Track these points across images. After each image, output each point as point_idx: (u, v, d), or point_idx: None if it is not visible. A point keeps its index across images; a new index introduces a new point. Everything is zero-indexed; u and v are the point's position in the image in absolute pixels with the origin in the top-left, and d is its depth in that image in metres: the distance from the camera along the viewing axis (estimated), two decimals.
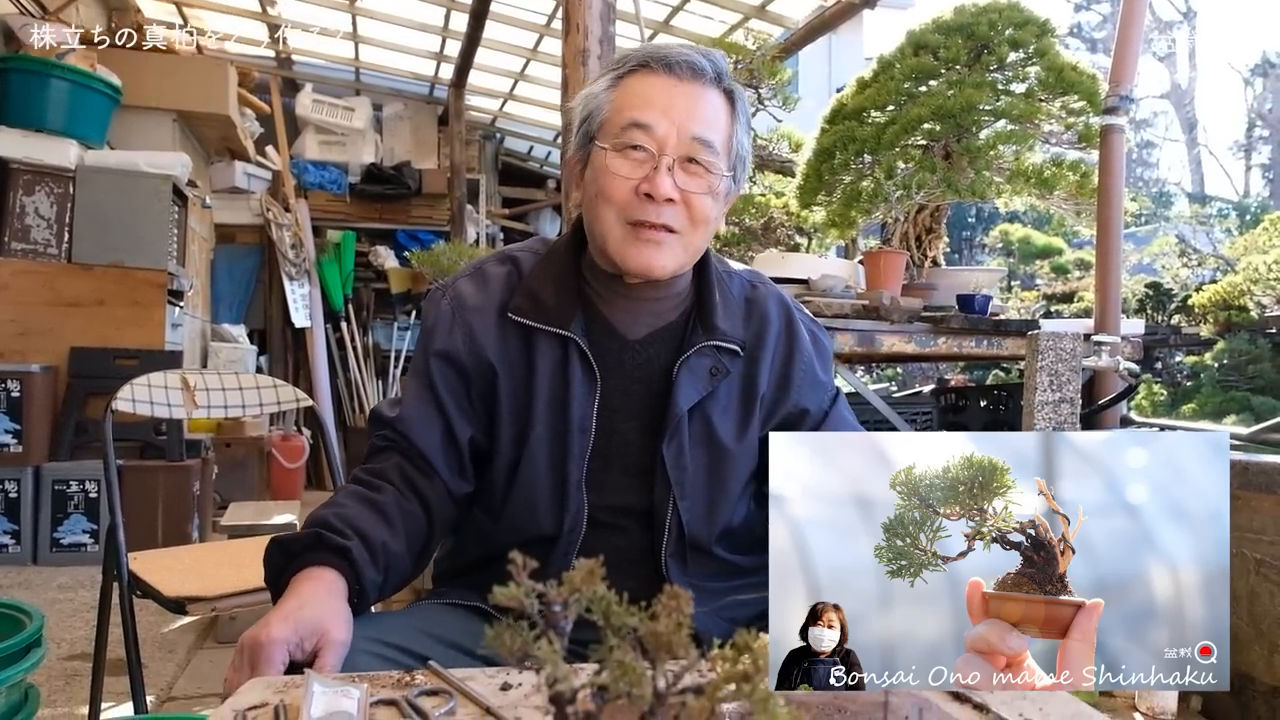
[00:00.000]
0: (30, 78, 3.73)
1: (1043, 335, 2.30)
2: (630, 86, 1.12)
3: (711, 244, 1.22)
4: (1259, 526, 1.78)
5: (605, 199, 1.11)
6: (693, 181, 1.10)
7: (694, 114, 1.09)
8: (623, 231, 1.10)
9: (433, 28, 5.87)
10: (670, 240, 1.10)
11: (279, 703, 0.77)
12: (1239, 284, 5.83)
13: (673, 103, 1.09)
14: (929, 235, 3.51)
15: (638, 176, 1.08)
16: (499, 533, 1.17)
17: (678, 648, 0.45)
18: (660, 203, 1.08)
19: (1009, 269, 8.20)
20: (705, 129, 1.10)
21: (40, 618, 1.48)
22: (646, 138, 1.08)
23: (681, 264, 1.13)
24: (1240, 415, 5.05)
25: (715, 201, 1.12)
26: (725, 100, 1.14)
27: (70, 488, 3.45)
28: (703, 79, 1.11)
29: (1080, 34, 20.76)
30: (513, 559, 0.48)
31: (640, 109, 1.09)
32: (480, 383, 1.16)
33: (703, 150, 1.09)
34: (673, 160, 1.08)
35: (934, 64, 3.15)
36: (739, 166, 1.16)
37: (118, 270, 3.80)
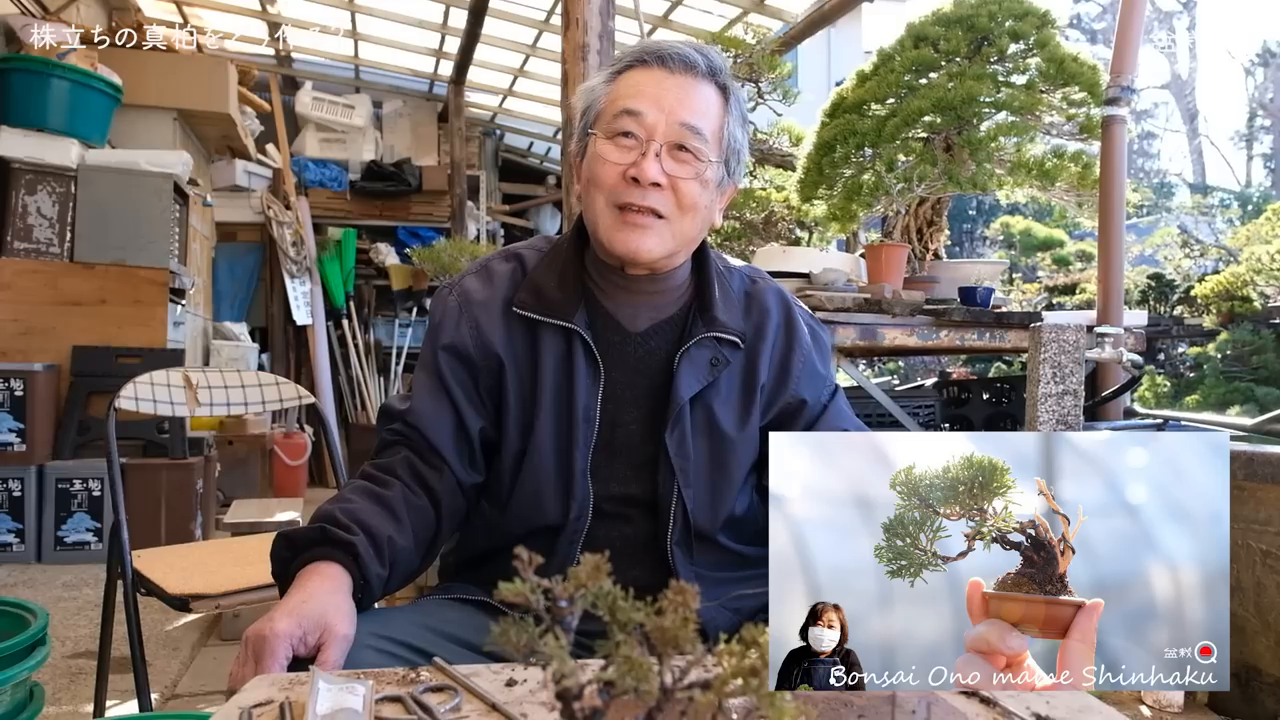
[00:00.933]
0: (31, 78, 3.73)
1: (1045, 327, 2.29)
2: (626, 79, 1.15)
3: (712, 239, 1.23)
4: (1265, 518, 1.78)
5: (596, 184, 1.14)
6: (680, 168, 1.12)
7: (684, 102, 1.12)
8: (611, 216, 1.13)
9: (432, 24, 5.86)
10: (657, 225, 1.12)
11: (284, 700, 0.77)
12: (1241, 274, 5.83)
13: (664, 92, 1.12)
14: (930, 228, 3.51)
15: (626, 162, 1.11)
16: (505, 523, 1.18)
17: (684, 643, 0.45)
18: (646, 186, 1.10)
19: (1010, 261, 8.19)
20: (694, 117, 1.12)
21: (44, 616, 1.48)
22: (636, 125, 1.11)
23: (670, 250, 1.14)
24: (1244, 406, 5.05)
25: (704, 189, 1.14)
26: (718, 94, 1.16)
27: (74, 486, 3.46)
28: (695, 71, 1.14)
29: (1080, 25, 20.71)
30: (518, 554, 0.48)
31: (633, 98, 1.12)
32: (488, 376, 1.18)
33: (691, 137, 1.12)
34: (661, 146, 1.11)
35: (934, 56, 3.14)
36: (732, 159, 1.18)
37: (119, 269, 3.80)
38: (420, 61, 6.60)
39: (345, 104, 6.69)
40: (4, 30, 3.88)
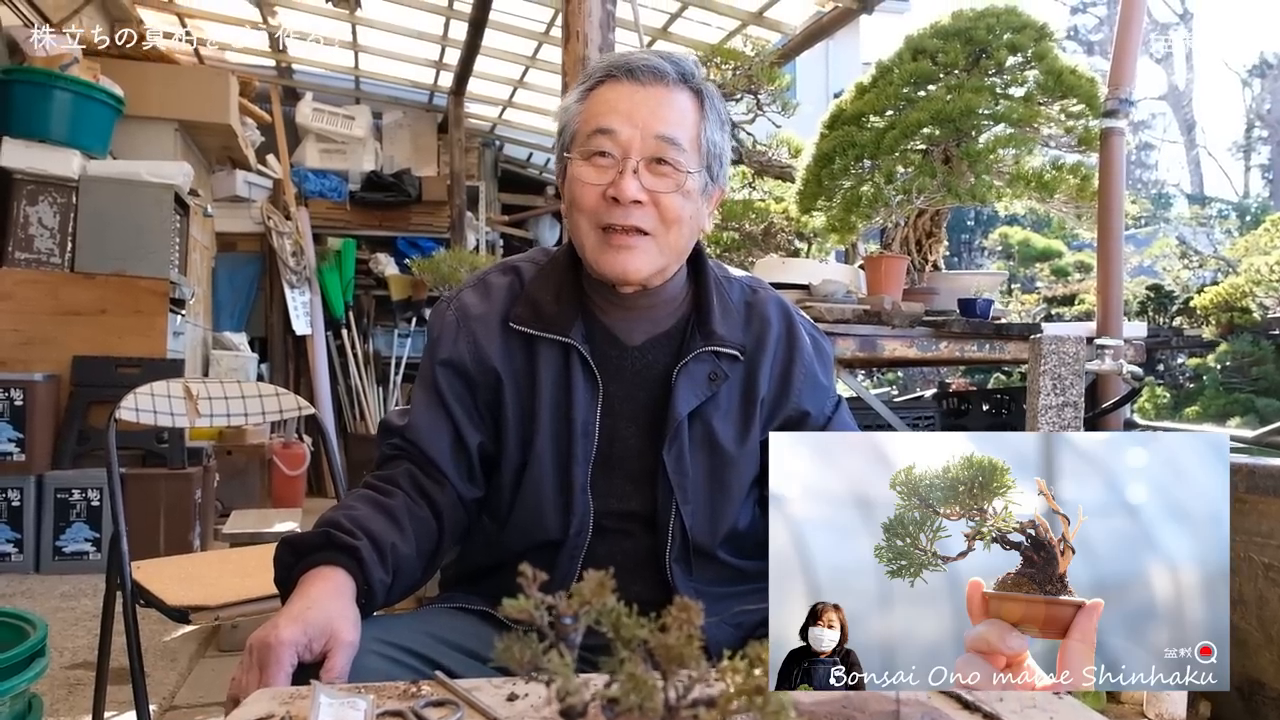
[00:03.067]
0: (34, 89, 3.74)
1: (1045, 339, 2.30)
2: (598, 96, 1.14)
3: (711, 251, 1.23)
4: (1267, 530, 1.78)
5: (577, 207, 1.13)
6: (660, 182, 1.11)
7: (657, 114, 1.11)
8: (596, 238, 1.12)
9: (432, 36, 5.88)
10: (643, 243, 1.11)
11: (285, 714, 0.77)
12: (1241, 285, 5.83)
13: (635, 107, 1.11)
14: (929, 239, 3.52)
15: (604, 182, 1.10)
16: (506, 538, 1.18)
17: (688, 660, 0.45)
18: (627, 205, 1.09)
19: (1009, 272, 8.19)
20: (669, 128, 1.11)
21: (43, 627, 1.48)
22: (611, 143, 1.10)
23: (659, 266, 1.14)
24: (1244, 417, 5.04)
25: (688, 200, 1.13)
26: (693, 99, 1.15)
27: (73, 496, 3.45)
28: (665, 80, 1.12)
29: (1077, 37, 20.78)
30: (523, 570, 0.48)
31: (605, 116, 1.11)
32: (486, 391, 1.17)
33: (669, 149, 1.10)
34: (638, 162, 1.10)
35: (933, 68, 3.15)
36: (714, 163, 1.17)
37: (120, 279, 3.80)
38: (420, 73, 6.62)
39: (345, 115, 6.70)
40: (7, 42, 3.90)
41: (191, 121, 4.82)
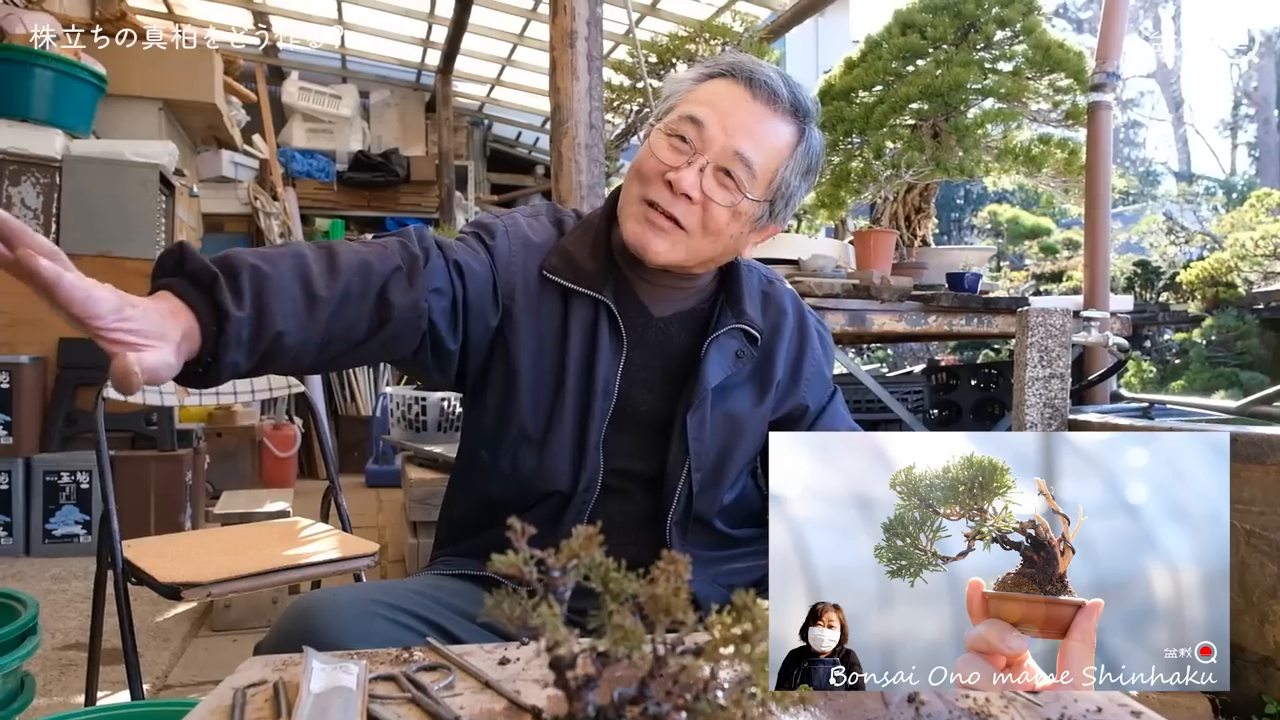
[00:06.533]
0: (14, 67, 3.69)
1: (1032, 311, 2.31)
2: (709, 86, 1.14)
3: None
4: (1249, 497, 1.80)
5: (637, 173, 1.14)
6: (718, 191, 1.10)
7: (748, 129, 1.10)
8: (637, 207, 1.13)
9: (418, 13, 5.83)
10: (674, 233, 1.11)
11: (278, 680, 0.77)
12: (1226, 261, 5.87)
13: (733, 112, 1.10)
14: (918, 215, 3.52)
15: (671, 164, 1.10)
16: (510, 488, 1.17)
17: (676, 610, 0.45)
18: (677, 195, 1.09)
19: (998, 249, 8.21)
20: (751, 148, 1.10)
21: (34, 605, 1.48)
22: (695, 133, 1.10)
23: (678, 260, 1.14)
24: (1229, 391, 5.09)
25: (735, 220, 1.12)
26: (794, 134, 1.14)
27: (61, 479, 3.44)
28: (775, 103, 1.12)
29: (1066, 14, 20.75)
30: (511, 524, 0.48)
31: (702, 107, 1.11)
32: (482, 303, 1.11)
33: (740, 166, 1.10)
34: (708, 163, 1.10)
35: (921, 43, 3.15)
36: (779, 201, 1.16)
37: (106, 260, 3.77)
38: (407, 51, 6.56)
39: (332, 94, 6.65)
40: None
41: (176, 100, 4.77)
